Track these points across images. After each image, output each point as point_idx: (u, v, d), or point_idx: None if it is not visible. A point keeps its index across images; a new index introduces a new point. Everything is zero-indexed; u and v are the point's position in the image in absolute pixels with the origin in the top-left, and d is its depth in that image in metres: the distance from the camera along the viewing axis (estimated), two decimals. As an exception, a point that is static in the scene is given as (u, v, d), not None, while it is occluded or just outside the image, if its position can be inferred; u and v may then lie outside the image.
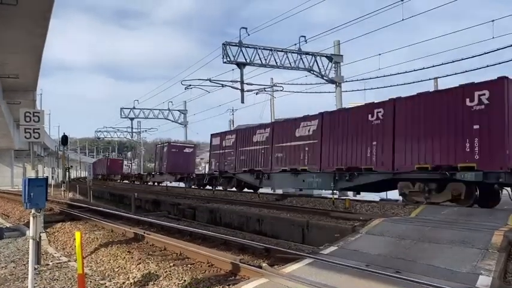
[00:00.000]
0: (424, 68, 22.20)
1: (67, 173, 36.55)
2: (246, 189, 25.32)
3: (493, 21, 18.05)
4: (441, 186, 13.86)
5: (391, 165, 15.15)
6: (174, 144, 40.69)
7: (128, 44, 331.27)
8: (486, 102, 12.64)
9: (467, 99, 13.04)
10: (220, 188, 27.10)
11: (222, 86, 25.96)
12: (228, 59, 21.55)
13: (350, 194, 19.95)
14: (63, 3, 78.11)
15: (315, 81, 25.50)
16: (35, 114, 10.34)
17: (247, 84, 24.24)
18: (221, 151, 26.31)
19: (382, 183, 15.91)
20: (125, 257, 8.17)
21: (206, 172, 30.22)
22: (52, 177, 45.66)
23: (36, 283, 6.35)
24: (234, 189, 25.85)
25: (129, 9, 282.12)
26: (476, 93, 12.84)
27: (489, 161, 12.45)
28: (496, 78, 12.59)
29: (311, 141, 19.06)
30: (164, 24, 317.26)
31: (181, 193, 25.95)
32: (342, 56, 24.42)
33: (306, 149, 19.28)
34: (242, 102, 23.60)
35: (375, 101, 16.71)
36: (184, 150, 39.40)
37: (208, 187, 29.12)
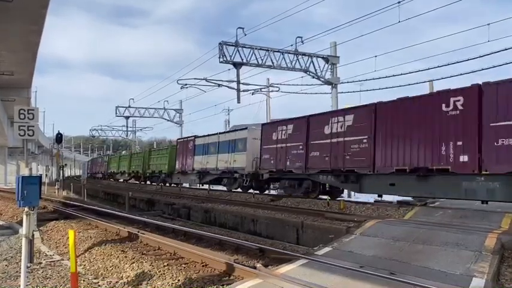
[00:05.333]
0: (419, 71, 22.30)
1: (61, 171, 36.36)
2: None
3: (488, 24, 18.17)
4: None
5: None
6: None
7: (126, 43, 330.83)
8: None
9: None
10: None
11: (218, 85, 25.96)
12: (225, 59, 21.51)
13: (345, 195, 19.99)
14: (60, 0, 77.57)
15: (311, 82, 25.54)
16: (30, 111, 10.30)
17: (243, 84, 24.28)
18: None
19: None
20: (118, 256, 8.13)
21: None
22: (46, 175, 45.32)
23: (28, 281, 6.30)
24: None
25: (127, 7, 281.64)
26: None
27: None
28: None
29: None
30: (162, 23, 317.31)
31: (176, 193, 25.89)
32: (338, 57, 24.45)
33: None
34: (238, 102, 23.62)
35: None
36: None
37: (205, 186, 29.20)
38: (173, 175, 32.62)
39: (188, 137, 31.45)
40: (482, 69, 20.22)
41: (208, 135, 27.78)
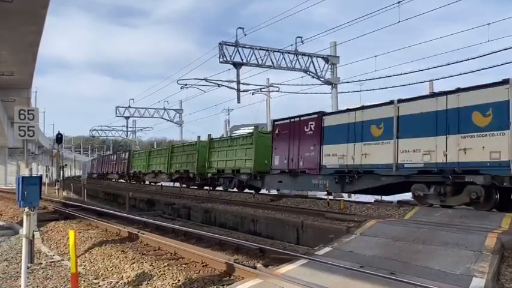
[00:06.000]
0: (419, 71, 22.29)
1: (61, 171, 36.36)
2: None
3: (488, 24, 18.15)
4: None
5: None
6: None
7: (126, 43, 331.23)
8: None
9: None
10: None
11: (218, 85, 25.97)
12: (225, 59, 21.54)
13: (345, 195, 19.96)
14: (60, 0, 77.63)
15: (311, 82, 25.56)
16: (30, 112, 10.31)
17: (243, 84, 24.31)
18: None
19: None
20: (118, 256, 8.14)
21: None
22: (46, 175, 45.32)
23: (29, 282, 6.31)
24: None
25: (127, 7, 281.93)
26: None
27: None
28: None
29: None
30: (162, 23, 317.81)
31: (176, 193, 25.88)
32: (338, 57, 24.46)
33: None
34: (238, 102, 23.70)
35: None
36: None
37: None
38: (266, 177, 21.40)
39: (301, 115, 19.16)
40: (482, 69, 20.23)
41: (363, 107, 16.53)
